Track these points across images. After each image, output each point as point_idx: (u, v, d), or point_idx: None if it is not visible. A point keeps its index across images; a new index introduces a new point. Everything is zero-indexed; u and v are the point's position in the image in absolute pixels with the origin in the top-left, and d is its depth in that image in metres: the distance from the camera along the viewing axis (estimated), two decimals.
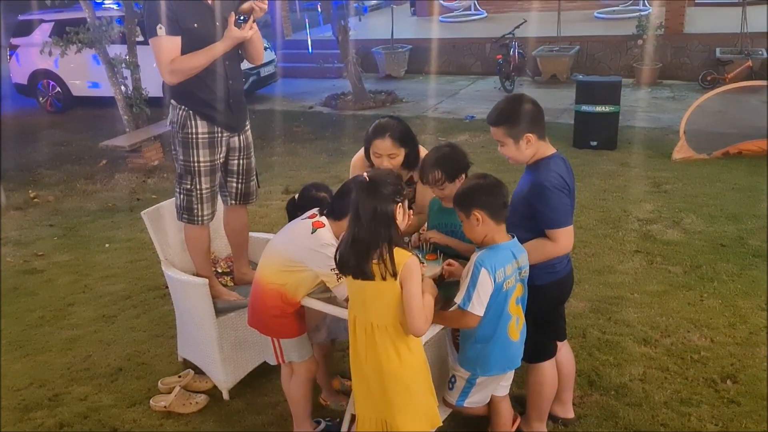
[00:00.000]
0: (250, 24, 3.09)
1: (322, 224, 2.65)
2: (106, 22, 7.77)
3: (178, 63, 3.06)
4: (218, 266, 3.77)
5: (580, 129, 7.16)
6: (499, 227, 2.46)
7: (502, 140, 2.62)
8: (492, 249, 2.44)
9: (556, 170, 2.57)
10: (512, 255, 2.45)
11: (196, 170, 3.24)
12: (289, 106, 10.33)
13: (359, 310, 2.38)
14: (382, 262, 2.23)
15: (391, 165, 3.02)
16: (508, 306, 2.48)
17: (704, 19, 10.69)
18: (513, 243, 2.49)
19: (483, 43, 11.27)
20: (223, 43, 3.07)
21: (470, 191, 2.48)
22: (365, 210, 2.26)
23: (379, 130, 3.02)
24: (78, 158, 8.26)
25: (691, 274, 4.36)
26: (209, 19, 3.12)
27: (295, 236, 2.71)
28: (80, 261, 5.30)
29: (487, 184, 2.48)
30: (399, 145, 3.01)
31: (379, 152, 3.01)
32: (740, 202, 5.43)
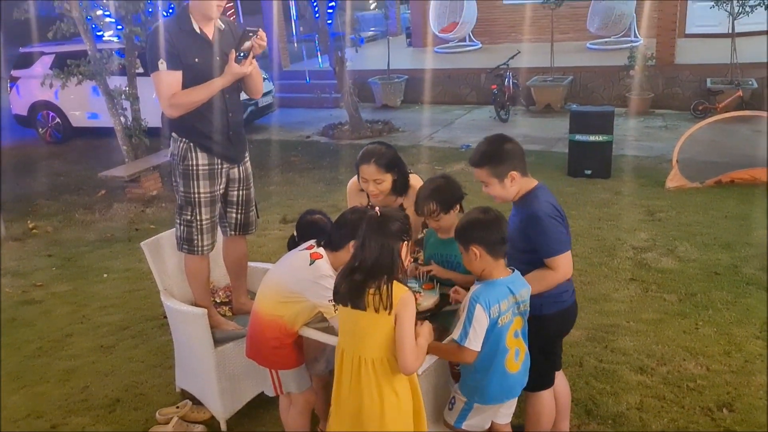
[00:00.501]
0: (250, 60, 3.17)
1: (320, 255, 2.69)
2: (106, 54, 7.89)
3: (179, 97, 3.13)
4: (217, 296, 3.80)
5: (574, 158, 7.25)
6: (497, 262, 2.49)
7: (486, 181, 2.68)
8: (488, 285, 2.47)
9: (545, 199, 2.64)
10: (509, 290, 2.48)
11: (196, 201, 3.29)
12: (287, 136, 10.43)
13: (348, 341, 2.40)
14: (379, 293, 2.26)
15: (377, 190, 3.09)
16: (505, 340, 2.50)
17: (694, 50, 10.89)
18: (511, 278, 2.51)
19: (478, 74, 11.43)
20: (223, 79, 3.15)
21: (470, 226, 2.52)
22: (372, 244, 2.30)
23: (365, 155, 3.10)
24: (77, 188, 8.31)
25: (686, 302, 4.40)
26: (210, 55, 3.20)
27: (293, 268, 2.75)
28: (78, 291, 5.32)
29: (486, 220, 2.50)
30: (384, 171, 3.08)
31: (365, 177, 3.09)
32: (733, 231, 5.49)
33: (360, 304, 2.29)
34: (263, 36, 3.15)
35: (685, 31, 11.95)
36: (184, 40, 3.13)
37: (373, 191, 3.09)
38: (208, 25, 3.22)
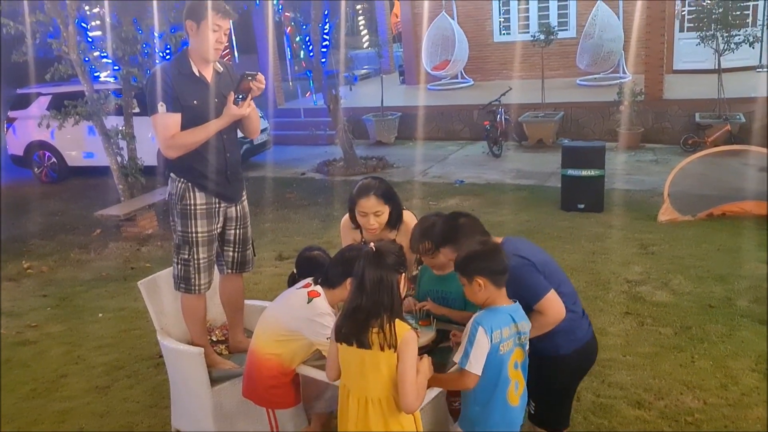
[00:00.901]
0: (248, 102, 3.24)
1: (317, 293, 2.72)
2: (103, 95, 7.98)
3: (178, 138, 3.18)
4: (213, 335, 3.79)
5: (567, 192, 7.32)
6: (500, 291, 2.52)
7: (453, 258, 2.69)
8: (490, 310, 2.50)
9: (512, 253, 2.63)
10: (511, 318, 2.51)
11: (193, 240, 3.32)
12: (282, 173, 10.50)
13: (354, 381, 2.41)
14: (383, 332, 2.28)
15: (376, 223, 3.13)
16: (507, 370, 2.51)
17: (682, 85, 11.09)
18: (513, 307, 2.54)
19: (470, 110, 11.59)
20: (221, 120, 3.21)
21: (471, 258, 2.54)
22: (371, 279, 2.33)
23: (363, 189, 3.16)
24: (72, 228, 8.32)
25: (682, 336, 4.41)
26: (208, 97, 3.26)
27: (291, 306, 2.77)
28: (73, 331, 5.29)
29: (486, 250, 2.54)
30: (384, 202, 3.14)
31: (365, 211, 3.12)
32: (726, 263, 5.54)
33: (364, 342, 2.31)
34: (261, 79, 3.22)
35: (673, 67, 12.18)
36: (183, 82, 3.20)
37: (373, 224, 3.13)
38: (207, 68, 3.29)
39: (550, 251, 5.94)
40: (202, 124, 3.21)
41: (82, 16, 8.21)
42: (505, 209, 7.48)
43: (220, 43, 3.22)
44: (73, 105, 7.85)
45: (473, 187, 8.64)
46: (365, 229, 3.18)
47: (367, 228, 3.15)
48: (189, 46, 3.30)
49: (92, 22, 9.30)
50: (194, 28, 3.20)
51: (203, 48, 3.21)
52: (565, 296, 2.69)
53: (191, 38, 3.25)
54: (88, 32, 8.89)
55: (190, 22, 3.20)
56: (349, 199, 3.24)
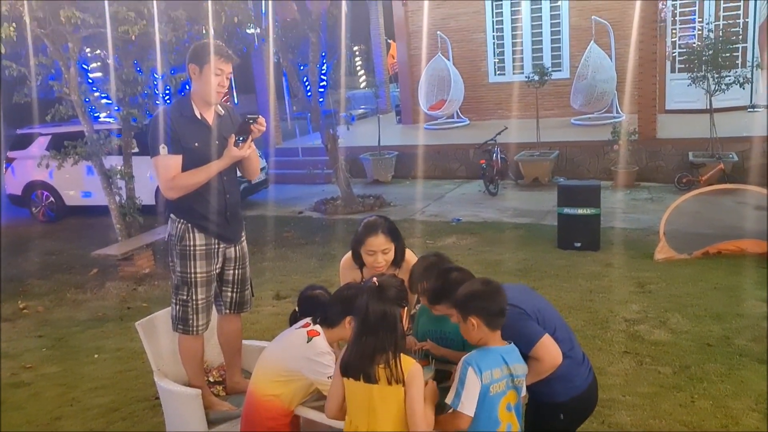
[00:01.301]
0: (249, 144, 3.29)
1: (317, 333, 2.72)
2: (103, 135, 8.06)
3: (178, 180, 3.22)
4: (210, 375, 3.78)
5: (563, 231, 7.36)
6: (494, 333, 2.51)
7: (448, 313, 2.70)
8: (481, 350, 2.49)
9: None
10: (503, 360, 2.49)
11: (192, 281, 3.33)
12: (280, 212, 10.55)
13: (363, 416, 2.40)
14: (389, 367, 2.30)
15: (384, 261, 3.14)
16: (497, 411, 2.48)
17: (675, 125, 11.24)
18: (507, 349, 2.52)
19: (466, 149, 11.71)
20: (221, 162, 3.26)
21: (470, 297, 2.54)
22: (375, 314, 2.36)
23: (371, 227, 3.17)
24: (69, 267, 8.30)
25: (681, 375, 4.40)
26: (209, 139, 3.32)
27: (290, 345, 2.77)
28: (68, 372, 5.25)
29: (487, 291, 2.53)
30: (391, 240, 3.16)
31: (373, 249, 3.13)
32: (723, 302, 5.55)
33: (371, 376, 2.33)
34: (262, 122, 3.28)
35: (665, 107, 12.36)
36: (185, 125, 3.26)
37: (381, 262, 3.13)
38: (209, 111, 3.36)
39: (548, 290, 6.01)
40: (203, 166, 3.25)
41: (84, 57, 8.35)
42: (502, 247, 7.51)
43: (221, 86, 3.28)
44: (73, 145, 7.92)
45: (470, 225, 8.68)
46: (372, 268, 3.19)
47: (375, 266, 3.15)
48: (191, 89, 3.37)
49: (93, 64, 9.46)
50: (197, 71, 3.26)
51: (205, 91, 3.28)
52: (561, 342, 2.66)
53: (193, 81, 3.32)
54: (89, 73, 9.03)
55: (192, 65, 3.26)
56: (353, 240, 3.24)
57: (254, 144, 3.42)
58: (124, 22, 6.94)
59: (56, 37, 7.33)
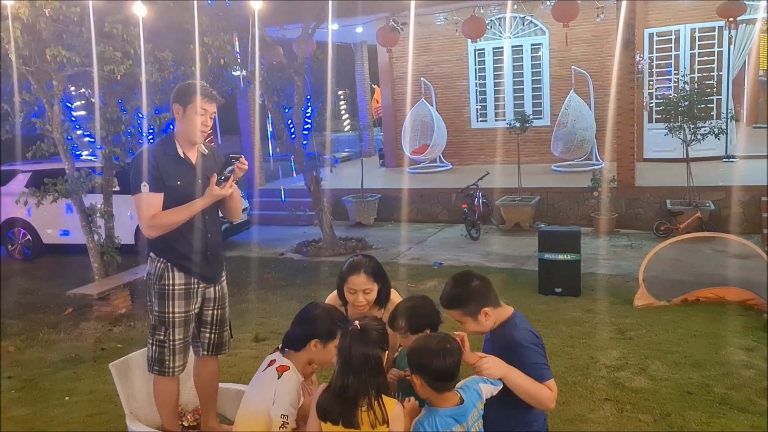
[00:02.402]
0: (231, 183, 3.29)
1: (286, 367, 2.68)
2: (84, 173, 8.01)
3: (159, 218, 3.20)
4: (185, 419, 3.69)
5: (544, 276, 7.38)
6: (441, 395, 2.40)
7: (460, 320, 2.68)
8: (430, 412, 2.39)
9: (524, 327, 2.64)
10: (455, 421, 2.38)
11: (170, 321, 3.27)
12: (261, 253, 10.48)
13: None
14: (372, 410, 2.27)
15: (365, 300, 3.12)
16: None
17: (653, 173, 11.45)
18: (460, 408, 2.40)
19: (449, 193, 11.80)
20: (203, 200, 3.25)
21: (417, 352, 2.44)
22: (357, 357, 2.34)
23: (354, 266, 3.16)
24: (43, 306, 8.13)
25: (661, 423, 4.37)
26: (192, 178, 3.31)
27: (264, 387, 2.71)
28: (38, 415, 5.08)
29: (436, 350, 2.38)
30: (373, 280, 3.14)
31: (354, 288, 3.11)
32: (702, 349, 5.56)
33: (353, 422, 2.29)
34: (244, 161, 3.29)
35: (643, 155, 12.61)
36: (168, 163, 3.26)
37: (362, 302, 3.11)
38: (192, 150, 3.36)
39: None
40: (185, 204, 3.23)
41: (68, 95, 8.36)
42: None
43: (205, 126, 3.29)
44: (53, 182, 7.85)
45: (452, 269, 8.67)
46: (353, 306, 3.17)
47: (356, 305, 3.14)
48: (175, 128, 3.38)
49: (77, 102, 9.48)
50: (180, 111, 3.28)
51: (189, 130, 3.29)
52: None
53: (177, 121, 3.33)
54: (72, 111, 9.04)
55: (177, 105, 3.28)
56: (338, 276, 3.24)
57: (236, 184, 3.42)
58: (110, 62, 6.97)
59: (41, 74, 7.34)
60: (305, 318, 2.76)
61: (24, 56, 7.02)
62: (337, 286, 3.27)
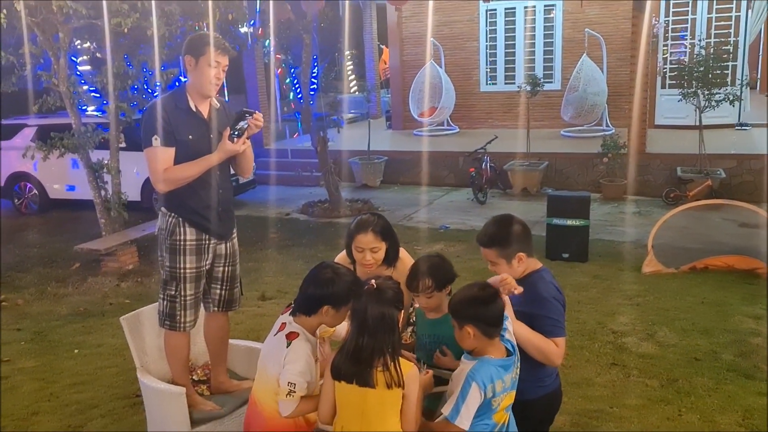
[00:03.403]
0: (244, 139, 3.23)
1: (296, 334, 2.61)
2: (91, 128, 7.94)
3: (170, 172, 3.15)
4: (195, 374, 3.70)
5: (552, 241, 7.35)
6: (491, 341, 2.44)
7: (494, 261, 2.70)
8: (483, 362, 2.41)
9: (551, 282, 2.67)
10: (504, 370, 2.43)
11: (181, 276, 3.26)
12: (267, 213, 10.46)
13: (355, 422, 2.35)
14: (388, 371, 2.25)
15: (372, 259, 3.09)
16: (493, 416, 2.43)
17: (664, 140, 11.32)
18: (509, 360, 2.45)
19: (456, 157, 11.70)
20: (215, 156, 3.19)
21: (466, 303, 2.46)
22: (373, 317, 2.32)
23: (361, 225, 3.11)
24: (50, 261, 8.15)
25: (668, 388, 4.38)
26: (204, 132, 3.25)
27: (274, 355, 2.65)
28: (47, 367, 5.13)
29: (484, 297, 2.44)
30: (381, 239, 3.10)
31: (361, 246, 3.08)
32: (710, 317, 5.56)
33: (369, 381, 2.27)
34: (259, 117, 3.23)
35: (655, 121, 12.45)
36: (179, 117, 3.19)
37: (369, 260, 3.08)
38: (204, 104, 3.30)
39: None
40: (196, 159, 3.18)
41: (73, 49, 8.23)
42: None
43: (218, 78, 3.22)
44: (60, 137, 7.79)
45: (458, 233, 8.65)
46: (361, 265, 3.14)
47: (363, 264, 3.11)
48: (186, 81, 3.31)
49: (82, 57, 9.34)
50: (193, 63, 3.20)
51: (201, 83, 3.22)
52: None
53: (189, 73, 3.25)
54: (77, 66, 8.92)
55: (189, 57, 3.20)
56: (347, 234, 3.20)
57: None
58: (117, 15, 6.85)
59: (47, 26, 7.21)
60: (317, 281, 2.61)
61: (30, 7, 6.89)
62: (345, 244, 3.25)
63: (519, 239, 2.68)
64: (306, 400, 2.56)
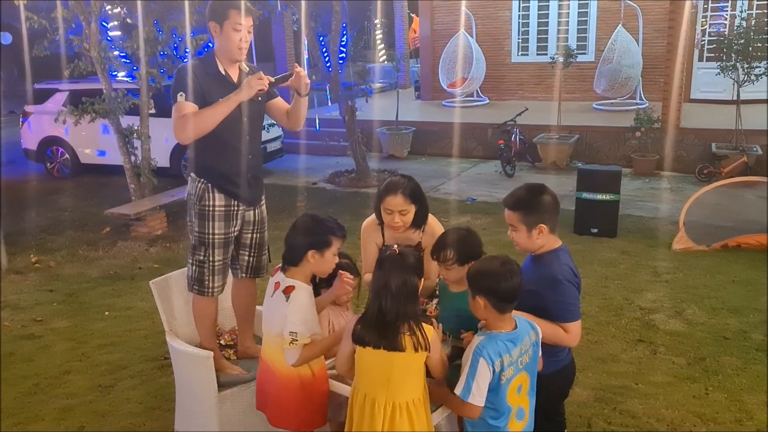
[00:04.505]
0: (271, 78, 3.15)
1: (292, 287, 2.68)
2: (121, 94, 8.00)
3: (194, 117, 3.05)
4: (222, 339, 3.74)
5: (581, 216, 7.26)
6: (501, 317, 2.43)
7: (515, 225, 2.67)
8: (490, 337, 2.40)
9: (566, 262, 2.62)
10: (512, 344, 2.41)
11: (210, 242, 3.28)
12: (294, 182, 10.48)
13: (379, 386, 2.38)
14: (414, 335, 2.30)
15: (401, 222, 3.10)
16: (506, 398, 2.42)
17: (699, 114, 11.04)
18: (515, 334, 2.43)
19: (485, 128, 11.57)
20: (242, 93, 3.09)
21: (483, 275, 2.45)
22: (396, 282, 2.35)
23: (391, 187, 3.12)
24: (81, 224, 8.30)
25: (695, 366, 4.33)
26: None
27: (276, 312, 2.71)
28: (78, 328, 5.25)
29: (502, 273, 2.40)
30: (410, 202, 3.11)
31: (390, 208, 3.09)
32: (741, 296, 5.46)
33: (398, 345, 2.30)
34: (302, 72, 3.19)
35: (690, 95, 12.14)
36: (209, 81, 3.18)
37: (398, 222, 3.10)
38: (233, 68, 3.28)
39: None
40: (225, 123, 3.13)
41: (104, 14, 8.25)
42: None
43: (244, 41, 3.20)
44: (91, 102, 7.87)
45: (485, 205, 8.59)
46: (390, 227, 3.15)
47: (392, 226, 3.12)
48: (214, 46, 3.29)
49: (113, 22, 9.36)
50: (217, 29, 3.20)
51: (228, 48, 3.20)
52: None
53: (216, 39, 3.24)
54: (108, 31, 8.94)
55: (213, 23, 3.19)
56: (376, 196, 3.22)
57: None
58: None
59: None
60: (296, 231, 2.73)
61: None
62: (374, 206, 3.25)
63: (546, 210, 2.64)
64: (309, 347, 2.63)
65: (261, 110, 3.45)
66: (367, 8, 12.92)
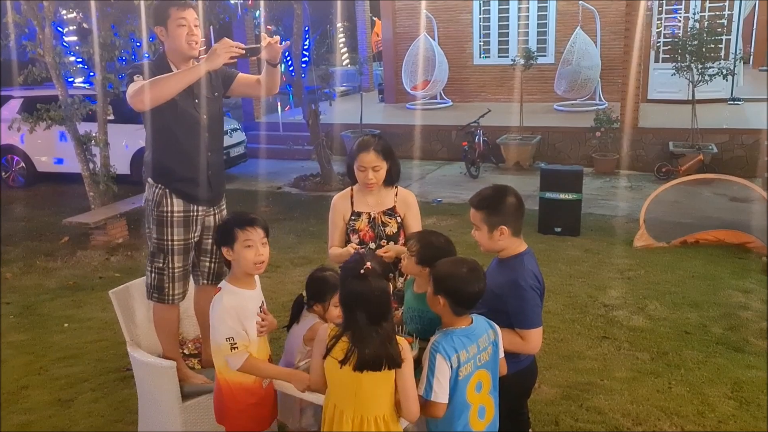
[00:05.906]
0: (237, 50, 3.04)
1: (218, 289, 2.68)
2: (78, 100, 7.81)
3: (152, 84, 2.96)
4: (185, 348, 3.68)
5: (544, 215, 7.34)
6: (459, 318, 2.44)
7: (478, 224, 2.68)
8: (445, 334, 2.41)
9: (530, 268, 2.63)
10: (468, 339, 2.42)
11: (169, 249, 3.21)
12: (258, 187, 10.38)
13: (348, 401, 2.32)
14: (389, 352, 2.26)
15: (374, 178, 3.14)
16: (465, 395, 2.41)
17: (657, 114, 11.28)
18: (470, 329, 2.44)
19: (449, 130, 11.63)
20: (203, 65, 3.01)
21: (447, 275, 2.44)
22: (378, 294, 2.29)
23: (364, 144, 3.17)
24: (39, 235, 8.08)
25: (659, 361, 4.41)
26: (188, 92, 3.15)
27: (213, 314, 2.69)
28: (36, 341, 5.10)
29: (465, 277, 2.41)
30: (382, 158, 3.15)
31: (364, 165, 3.13)
32: (701, 290, 5.58)
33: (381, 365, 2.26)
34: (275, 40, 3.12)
35: (647, 96, 12.40)
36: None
37: (371, 179, 3.13)
38: (187, 65, 3.21)
39: None
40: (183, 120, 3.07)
41: (59, 19, 8.07)
42: None
43: (192, 35, 3.16)
44: (46, 109, 7.66)
45: (450, 207, 8.63)
46: (363, 185, 3.17)
47: (366, 183, 3.15)
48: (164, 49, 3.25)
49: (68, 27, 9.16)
50: (164, 32, 3.18)
51: (178, 45, 3.16)
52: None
53: (165, 42, 3.22)
54: (64, 36, 8.75)
55: (158, 27, 3.18)
56: (348, 155, 3.26)
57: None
58: None
59: None
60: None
61: None
62: (346, 166, 3.29)
63: (508, 212, 2.66)
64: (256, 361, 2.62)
65: (220, 106, 3.40)
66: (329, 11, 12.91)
